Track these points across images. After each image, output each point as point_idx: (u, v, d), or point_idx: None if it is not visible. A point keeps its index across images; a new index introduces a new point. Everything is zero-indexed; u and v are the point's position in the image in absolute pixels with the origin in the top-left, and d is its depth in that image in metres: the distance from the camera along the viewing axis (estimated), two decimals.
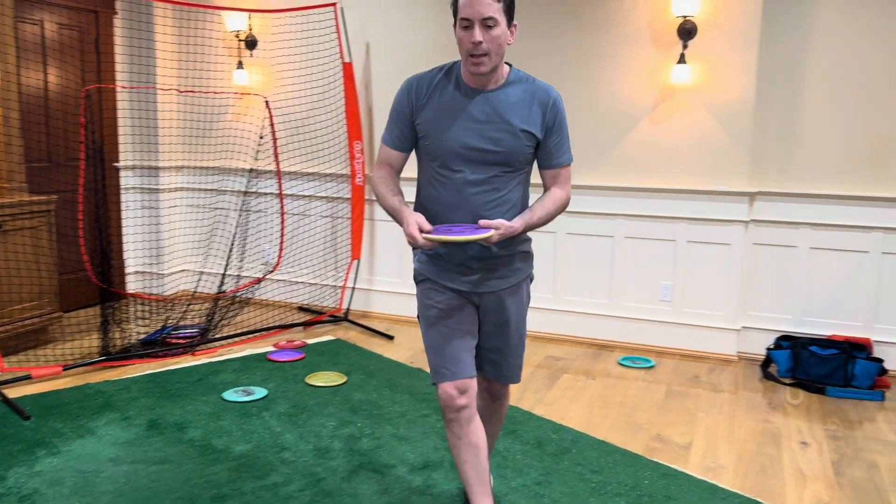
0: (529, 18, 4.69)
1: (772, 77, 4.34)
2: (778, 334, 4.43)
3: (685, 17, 4.24)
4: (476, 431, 2.23)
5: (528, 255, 2.35)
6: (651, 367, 4.33)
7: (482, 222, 2.07)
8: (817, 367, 4.05)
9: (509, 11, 2.07)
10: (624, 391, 3.92)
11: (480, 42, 2.02)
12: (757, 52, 4.24)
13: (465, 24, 2.03)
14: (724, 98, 4.32)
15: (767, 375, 4.19)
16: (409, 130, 2.24)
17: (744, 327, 4.53)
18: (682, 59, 4.29)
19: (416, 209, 2.28)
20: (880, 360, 4.00)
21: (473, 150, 2.14)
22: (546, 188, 2.29)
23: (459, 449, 2.23)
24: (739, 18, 4.23)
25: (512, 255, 2.28)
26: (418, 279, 2.34)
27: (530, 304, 2.45)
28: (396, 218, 2.17)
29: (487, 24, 2.02)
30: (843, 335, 4.30)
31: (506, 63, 2.19)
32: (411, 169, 2.32)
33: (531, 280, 2.40)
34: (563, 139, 2.23)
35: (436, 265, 2.28)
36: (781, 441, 3.33)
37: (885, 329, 4.27)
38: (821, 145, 4.30)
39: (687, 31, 4.26)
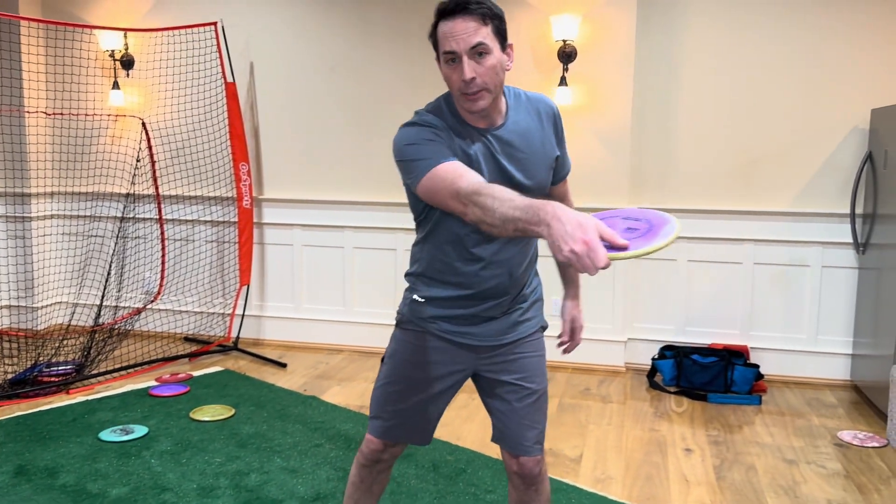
0: (411, 41, 4.72)
1: (648, 98, 4.53)
2: (662, 344, 4.60)
3: (565, 41, 4.37)
4: (381, 482, 2.09)
5: (539, 301, 2.04)
6: None
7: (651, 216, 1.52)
8: (699, 375, 4.22)
9: (500, 32, 1.71)
10: None
11: (473, 78, 1.66)
12: (633, 75, 4.42)
13: (450, 58, 1.68)
14: (603, 119, 4.47)
15: (653, 385, 4.33)
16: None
17: (630, 339, 4.67)
18: (563, 82, 4.42)
19: (424, 268, 1.92)
20: (756, 366, 4.21)
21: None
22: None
23: (356, 489, 2.09)
24: (616, 42, 4.40)
25: (533, 300, 2.00)
26: (402, 323, 1.98)
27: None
28: (538, 218, 1.39)
29: (478, 51, 1.66)
30: (722, 343, 4.50)
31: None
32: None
33: (543, 329, 2.05)
34: (565, 150, 1.99)
35: (434, 308, 1.92)
36: (667, 449, 3.44)
37: (760, 336, 4.51)
38: (694, 162, 4.52)
39: (567, 55, 4.39)
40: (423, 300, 1.94)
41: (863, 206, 4.24)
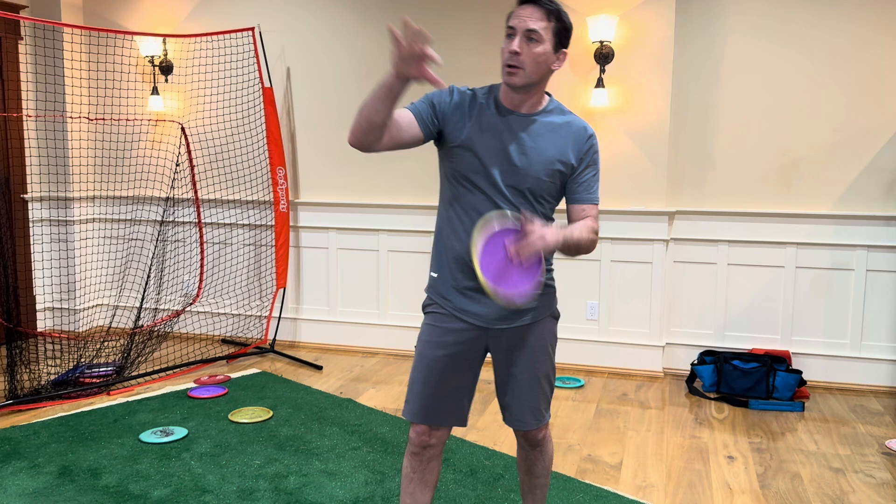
0: (445, 43, 4.71)
1: (686, 99, 4.47)
2: (701, 349, 4.53)
3: (602, 42, 4.33)
4: (432, 470, 2.19)
5: (550, 290, 2.15)
6: (581, 386, 4.36)
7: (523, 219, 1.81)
8: (740, 381, 4.15)
9: (559, 35, 1.97)
10: (555, 412, 3.92)
11: (517, 53, 1.92)
12: (671, 76, 4.36)
13: (509, 33, 1.96)
14: (641, 120, 4.42)
15: (693, 390, 4.26)
16: (431, 116, 2.01)
17: (668, 343, 4.61)
18: (599, 84, 4.38)
19: (435, 242, 2.14)
20: (799, 372, 4.13)
21: (499, 169, 2.00)
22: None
23: (410, 481, 2.19)
24: (653, 43, 4.35)
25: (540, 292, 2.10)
26: (425, 308, 2.19)
27: (556, 344, 2.23)
28: (382, 84, 1.82)
29: (531, 37, 1.92)
30: (763, 348, 4.42)
31: (546, 93, 2.09)
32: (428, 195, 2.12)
33: (556, 318, 2.20)
34: (596, 178, 2.10)
35: (444, 286, 2.11)
36: (708, 456, 3.38)
37: (802, 341, 4.41)
38: (734, 164, 4.44)
39: (604, 56, 4.35)
40: (435, 275, 2.15)
41: None
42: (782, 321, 4.44)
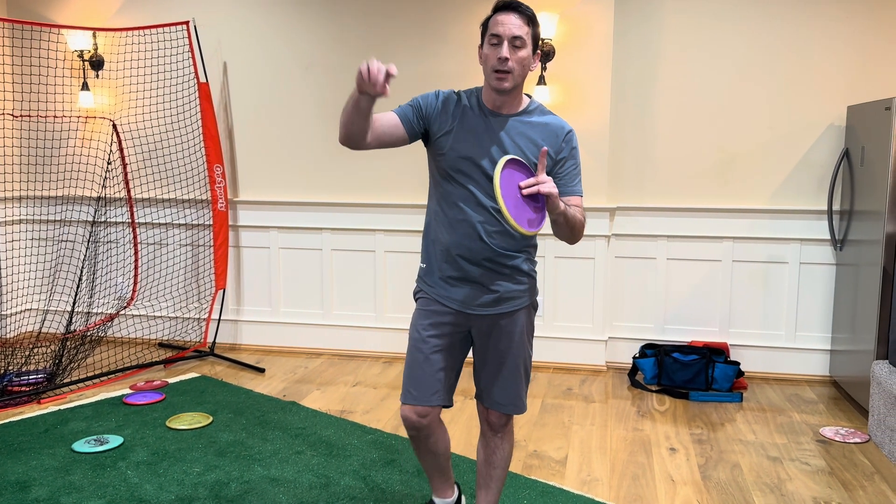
0: (386, 38, 4.66)
1: (626, 97, 4.52)
2: (642, 343, 4.60)
3: (542, 39, 4.34)
4: (435, 442, 2.37)
5: (531, 280, 2.30)
6: None
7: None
8: (680, 373, 4.23)
9: (535, 39, 2.14)
10: None
11: (507, 59, 2.07)
12: (611, 73, 4.41)
13: (494, 41, 2.09)
14: (582, 118, 4.45)
15: (635, 383, 4.32)
16: (416, 118, 2.20)
17: (610, 338, 4.67)
18: (541, 81, 4.39)
19: (423, 236, 2.31)
20: (737, 363, 4.22)
21: (482, 167, 2.15)
22: None
23: (420, 453, 2.41)
24: (593, 41, 4.39)
25: (523, 282, 2.27)
26: (416, 296, 2.36)
27: (534, 334, 2.41)
28: (351, 98, 2.01)
29: (515, 43, 2.08)
30: (702, 341, 4.51)
31: (525, 94, 2.24)
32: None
33: (535, 309, 2.35)
34: (576, 171, 2.23)
35: (430, 276, 2.29)
36: (651, 448, 3.42)
37: (740, 333, 4.52)
38: (673, 161, 4.52)
39: (545, 54, 4.36)
40: (423, 265, 2.32)
41: (839, 203, 4.27)
42: (720, 314, 4.53)
